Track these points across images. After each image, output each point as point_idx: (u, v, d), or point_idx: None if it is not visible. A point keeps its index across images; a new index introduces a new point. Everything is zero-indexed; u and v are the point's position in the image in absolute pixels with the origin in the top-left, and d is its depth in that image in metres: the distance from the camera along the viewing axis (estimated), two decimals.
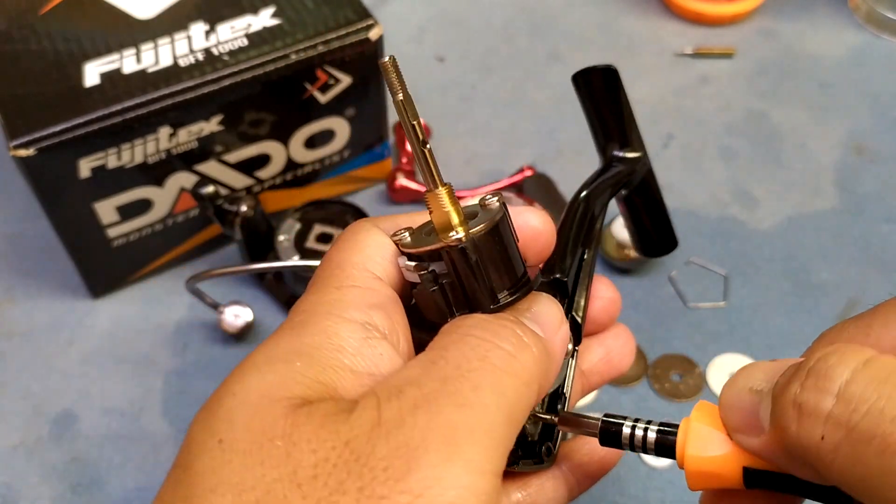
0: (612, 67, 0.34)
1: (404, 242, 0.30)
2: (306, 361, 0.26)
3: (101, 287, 0.56)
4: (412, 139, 0.28)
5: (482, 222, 0.29)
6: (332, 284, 0.29)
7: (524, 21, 0.74)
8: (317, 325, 0.27)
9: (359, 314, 0.28)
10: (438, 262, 0.29)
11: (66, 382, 0.53)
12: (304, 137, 0.56)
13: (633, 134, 0.35)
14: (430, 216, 0.29)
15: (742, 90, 0.68)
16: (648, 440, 0.29)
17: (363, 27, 0.52)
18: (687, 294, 0.56)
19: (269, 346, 0.27)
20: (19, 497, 0.48)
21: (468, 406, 0.24)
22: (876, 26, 0.72)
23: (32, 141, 0.46)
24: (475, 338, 0.26)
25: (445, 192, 0.29)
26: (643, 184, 0.36)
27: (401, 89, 0.28)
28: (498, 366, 0.26)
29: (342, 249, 0.30)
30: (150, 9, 0.53)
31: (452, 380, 0.25)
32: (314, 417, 0.24)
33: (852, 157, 0.64)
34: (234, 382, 0.26)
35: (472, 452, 0.24)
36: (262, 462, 0.24)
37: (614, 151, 0.36)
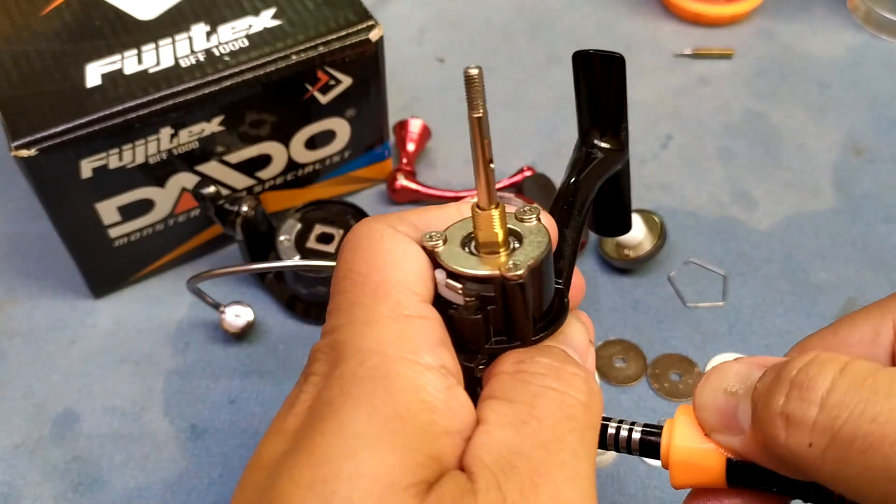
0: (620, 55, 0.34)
1: (440, 251, 0.28)
2: (413, 433, 0.24)
3: (102, 287, 0.57)
4: (479, 156, 0.27)
5: (532, 252, 0.28)
6: (384, 313, 0.26)
7: (524, 21, 0.74)
8: (399, 376, 0.25)
9: (431, 358, 0.26)
10: (485, 285, 0.28)
11: (68, 382, 0.53)
12: (305, 138, 0.56)
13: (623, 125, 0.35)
14: (476, 231, 0.28)
15: (741, 91, 0.69)
16: (633, 440, 0.30)
17: (363, 28, 0.52)
18: (686, 294, 0.56)
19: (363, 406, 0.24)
20: (21, 496, 0.49)
21: (577, 478, 0.25)
22: (875, 27, 0.73)
23: (34, 141, 0.46)
24: (554, 391, 0.27)
25: (498, 214, 0.28)
26: (617, 175, 0.36)
27: (481, 106, 0.27)
28: (583, 423, 0.26)
29: (367, 261, 0.28)
30: (152, 10, 0.53)
31: (554, 448, 0.25)
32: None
33: (851, 157, 0.64)
34: (343, 460, 0.23)
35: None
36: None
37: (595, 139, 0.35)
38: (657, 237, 0.56)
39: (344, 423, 0.24)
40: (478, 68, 0.26)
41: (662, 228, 0.56)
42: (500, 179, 0.61)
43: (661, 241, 0.56)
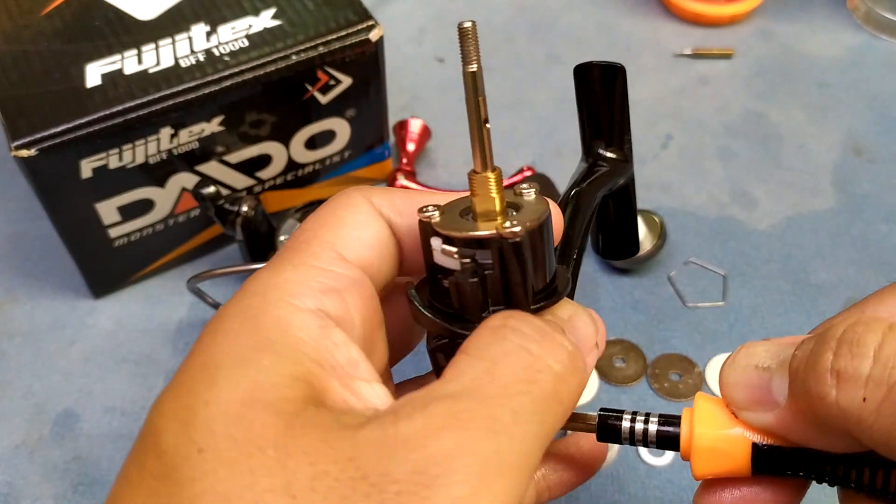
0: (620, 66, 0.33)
1: (435, 221, 0.27)
2: (272, 360, 0.24)
3: (102, 287, 0.57)
4: (472, 115, 0.27)
5: (531, 215, 0.27)
6: (291, 261, 0.27)
7: (524, 22, 0.74)
8: (269, 315, 0.26)
9: (310, 300, 0.26)
10: (483, 251, 0.27)
11: (68, 382, 0.53)
12: (305, 138, 0.56)
13: (626, 136, 0.35)
14: (472, 199, 0.28)
15: (741, 91, 0.69)
16: (650, 432, 0.28)
17: (363, 28, 0.52)
18: (686, 294, 0.56)
19: (228, 341, 0.25)
20: (21, 496, 0.49)
21: (505, 434, 0.23)
22: (874, 27, 0.73)
23: (34, 141, 0.46)
24: (529, 353, 0.25)
25: (494, 178, 0.27)
26: (623, 190, 0.35)
27: (476, 60, 0.26)
28: (547, 391, 0.24)
29: (317, 223, 0.28)
30: (152, 10, 0.53)
31: (494, 400, 0.23)
32: (312, 430, 0.23)
33: (851, 157, 0.64)
34: (203, 390, 0.24)
35: (500, 486, 0.22)
36: (252, 471, 0.22)
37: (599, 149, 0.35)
38: (657, 237, 0.56)
39: (206, 356, 0.25)
40: (471, 22, 0.25)
41: (662, 228, 0.56)
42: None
43: (661, 241, 0.56)
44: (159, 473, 0.23)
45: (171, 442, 0.24)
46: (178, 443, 0.23)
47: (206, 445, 0.23)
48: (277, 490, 0.22)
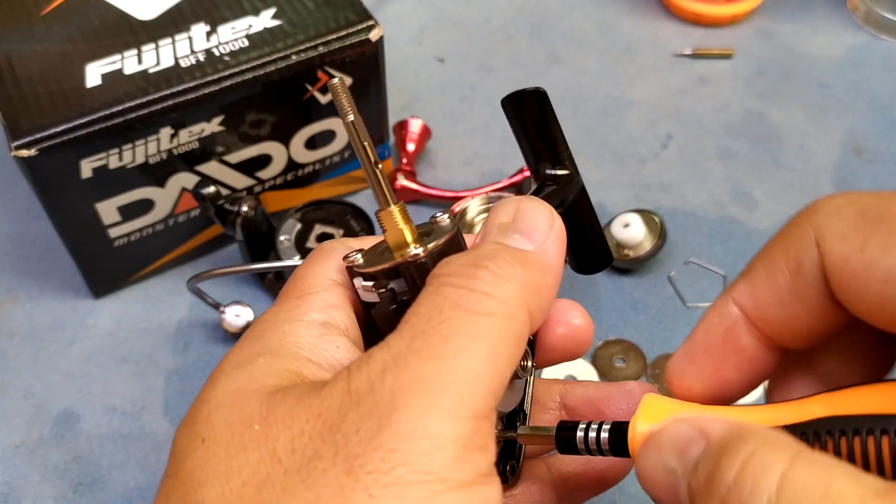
0: (541, 90, 0.35)
1: (357, 264, 0.30)
2: (268, 358, 0.27)
3: (102, 287, 0.57)
4: (363, 159, 0.29)
5: (438, 237, 0.29)
6: (294, 294, 0.30)
7: (524, 22, 0.74)
8: (275, 330, 0.28)
9: (318, 315, 0.29)
10: (397, 280, 0.29)
11: (68, 382, 0.53)
12: (305, 138, 0.56)
13: (564, 153, 0.36)
14: (384, 235, 0.29)
15: (741, 91, 0.69)
16: (602, 441, 0.28)
17: (363, 28, 0.52)
18: (686, 294, 0.56)
19: (233, 355, 0.28)
20: (21, 496, 0.49)
21: (438, 357, 0.24)
22: (874, 27, 0.73)
23: (34, 141, 0.46)
24: (449, 287, 0.26)
25: (398, 211, 0.29)
26: (577, 203, 0.36)
27: (351, 111, 0.29)
28: (471, 309, 0.25)
29: (307, 264, 0.31)
30: (152, 10, 0.53)
31: (422, 335, 0.25)
32: (288, 399, 0.25)
33: (851, 157, 0.64)
34: (207, 391, 0.27)
35: (445, 400, 0.24)
36: (245, 448, 0.25)
37: (546, 170, 0.36)
38: (657, 237, 0.56)
39: (216, 370, 0.28)
40: (339, 79, 0.29)
41: (662, 228, 0.56)
42: (501, 179, 0.61)
43: (661, 241, 0.56)
44: (171, 471, 0.26)
45: (182, 443, 0.26)
46: (186, 440, 0.26)
47: (208, 434, 0.26)
48: (266, 458, 0.24)
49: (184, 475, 0.25)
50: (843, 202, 0.25)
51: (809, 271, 0.26)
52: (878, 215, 0.24)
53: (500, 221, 0.29)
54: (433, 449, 0.23)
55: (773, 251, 0.27)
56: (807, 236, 0.26)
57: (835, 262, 0.25)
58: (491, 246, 0.28)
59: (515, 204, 0.29)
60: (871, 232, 0.24)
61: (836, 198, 0.26)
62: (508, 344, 0.26)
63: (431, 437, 0.23)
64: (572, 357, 0.34)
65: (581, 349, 0.33)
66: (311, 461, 0.24)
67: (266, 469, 0.24)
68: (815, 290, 0.26)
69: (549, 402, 0.35)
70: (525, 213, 0.29)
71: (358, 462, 0.23)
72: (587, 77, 0.70)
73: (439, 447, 0.23)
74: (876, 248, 0.23)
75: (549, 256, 0.28)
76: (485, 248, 0.28)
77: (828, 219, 0.25)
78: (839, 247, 0.25)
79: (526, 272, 0.27)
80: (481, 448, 0.24)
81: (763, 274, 0.27)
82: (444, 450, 0.23)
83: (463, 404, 0.24)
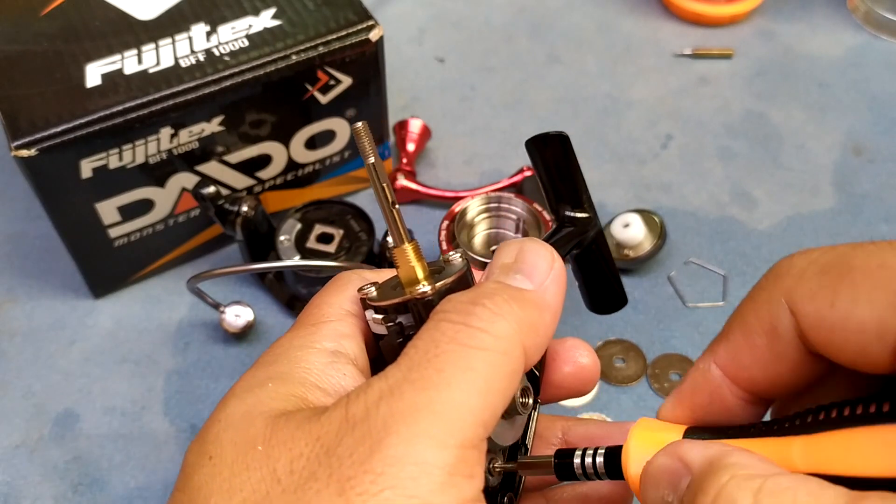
0: (564, 134, 0.36)
1: (370, 296, 0.31)
2: (277, 382, 0.29)
3: (102, 287, 0.57)
4: (382, 200, 0.30)
5: (447, 276, 0.30)
6: (309, 322, 0.31)
7: (524, 22, 0.74)
8: (287, 356, 0.30)
9: (329, 343, 0.30)
10: (405, 315, 0.30)
11: (68, 382, 0.53)
12: (305, 138, 0.56)
13: (584, 196, 0.37)
14: (396, 271, 0.30)
15: (741, 91, 0.69)
16: (598, 465, 0.29)
17: (364, 28, 0.52)
18: (686, 294, 0.56)
19: (246, 378, 0.30)
20: (21, 496, 0.49)
21: (431, 388, 0.25)
22: (874, 27, 0.73)
23: (34, 141, 0.46)
24: (447, 322, 0.27)
25: (411, 249, 0.30)
26: (594, 244, 0.38)
27: (372, 153, 0.29)
28: (466, 343, 0.26)
29: (323, 293, 0.32)
30: (152, 10, 0.53)
31: (417, 367, 0.26)
32: (290, 423, 0.27)
33: (851, 157, 0.64)
34: (219, 411, 0.29)
35: (434, 429, 0.25)
36: (248, 467, 0.26)
37: (566, 212, 0.37)
38: (657, 237, 0.56)
39: (228, 393, 0.29)
40: (362, 123, 0.30)
41: (662, 228, 0.56)
42: (500, 180, 0.61)
43: (661, 241, 0.56)
44: (180, 486, 0.28)
45: (191, 459, 0.28)
46: (196, 456, 0.28)
47: (215, 453, 0.27)
48: (267, 478, 0.26)
49: (191, 489, 0.27)
50: (804, 263, 0.27)
51: (785, 333, 0.27)
52: (839, 272, 0.25)
53: (503, 262, 0.30)
54: (420, 474, 0.24)
55: (747, 315, 0.28)
56: (777, 300, 0.27)
57: (810, 322, 0.26)
58: (491, 285, 0.29)
59: (518, 245, 0.30)
60: (838, 288, 0.25)
61: (796, 259, 0.27)
62: (501, 378, 0.27)
63: (419, 463, 0.24)
64: (578, 394, 0.35)
65: (587, 387, 0.35)
66: (308, 482, 0.25)
67: (266, 487, 0.25)
68: (792, 348, 0.27)
69: (551, 437, 0.36)
70: (527, 254, 0.30)
71: (349, 484, 0.24)
72: (587, 77, 0.70)
73: (426, 473, 0.24)
74: (845, 302, 0.25)
75: (547, 296, 0.29)
76: (485, 286, 0.29)
77: (795, 282, 0.27)
78: (811, 307, 0.26)
79: (522, 310, 0.28)
80: (468, 475, 0.25)
81: (741, 337, 0.28)
82: (431, 475, 0.24)
83: (451, 433, 0.25)
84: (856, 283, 0.25)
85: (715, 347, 0.29)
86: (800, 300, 0.26)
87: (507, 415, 0.31)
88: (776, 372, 0.28)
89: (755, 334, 0.28)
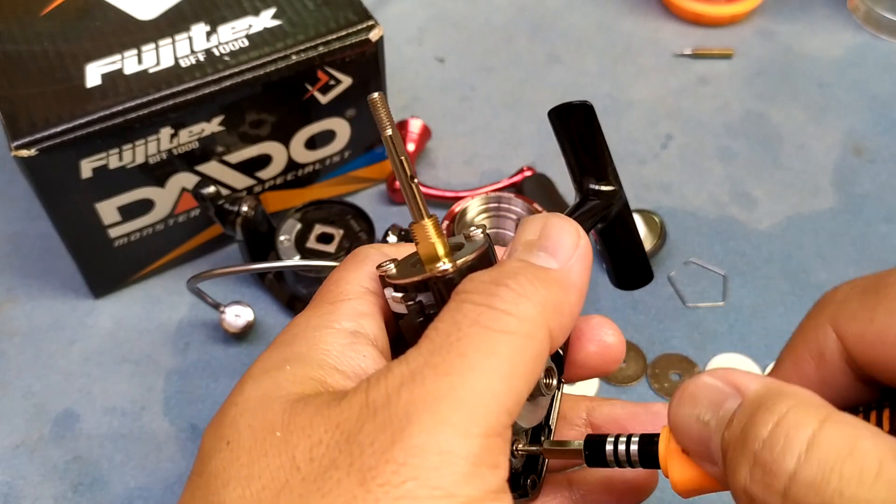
0: (588, 103, 0.35)
1: (390, 274, 0.30)
2: (295, 365, 0.28)
3: (102, 287, 0.57)
4: (400, 173, 0.29)
5: (468, 253, 0.29)
6: (327, 300, 0.30)
7: (524, 22, 0.74)
8: (305, 336, 0.29)
9: (348, 323, 0.29)
10: (425, 293, 0.29)
11: (68, 382, 0.53)
12: (305, 138, 0.56)
13: (609, 168, 0.36)
14: (416, 248, 0.30)
15: (741, 91, 0.69)
16: (632, 453, 0.29)
17: (363, 28, 0.52)
18: (686, 294, 0.56)
19: (263, 360, 0.29)
20: (21, 496, 0.49)
21: (453, 373, 0.24)
22: (874, 27, 0.73)
23: (34, 141, 0.46)
24: (470, 304, 0.26)
25: (431, 224, 0.29)
26: (619, 217, 0.36)
27: (389, 125, 0.29)
28: (489, 326, 0.25)
29: (341, 269, 0.31)
30: (152, 10, 0.53)
31: (439, 351, 0.25)
32: (309, 407, 0.26)
33: (851, 157, 0.64)
34: (236, 395, 0.28)
35: (457, 417, 0.24)
36: (266, 453, 0.25)
37: (590, 185, 0.36)
38: (657, 237, 0.56)
39: (245, 375, 0.29)
40: (379, 94, 0.29)
41: (662, 228, 0.56)
42: (501, 179, 0.61)
43: (661, 241, 0.56)
44: (197, 470, 0.27)
45: (208, 444, 0.27)
46: (213, 440, 0.27)
47: (232, 437, 0.27)
48: (286, 465, 0.25)
49: (208, 475, 0.26)
50: (847, 289, 0.28)
51: (832, 358, 0.27)
52: (877, 289, 0.26)
53: (526, 238, 0.29)
54: (443, 465, 0.23)
55: (797, 345, 0.29)
56: (823, 326, 0.28)
57: (853, 341, 0.27)
58: (515, 263, 0.28)
59: (542, 221, 0.29)
60: (875, 304, 0.26)
61: (841, 287, 0.28)
62: (526, 362, 0.26)
63: (442, 453, 0.24)
64: (604, 373, 0.35)
65: (612, 366, 0.34)
66: (328, 470, 0.24)
67: (285, 475, 0.25)
68: (840, 373, 0.27)
69: (575, 418, 0.35)
70: (551, 230, 0.29)
71: (371, 474, 0.24)
72: (587, 77, 0.70)
73: (449, 463, 0.24)
74: (883, 315, 0.26)
75: (572, 275, 0.28)
76: (508, 265, 0.28)
77: (839, 306, 0.27)
78: (853, 327, 0.27)
79: (547, 291, 0.27)
80: (493, 465, 0.25)
81: (790, 366, 0.29)
82: (454, 466, 0.24)
83: (475, 421, 0.24)
84: (892, 297, 0.26)
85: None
86: (843, 322, 0.27)
87: (531, 396, 0.30)
88: (826, 398, 0.27)
89: (803, 362, 0.28)
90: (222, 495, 0.25)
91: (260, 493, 0.25)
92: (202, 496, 0.26)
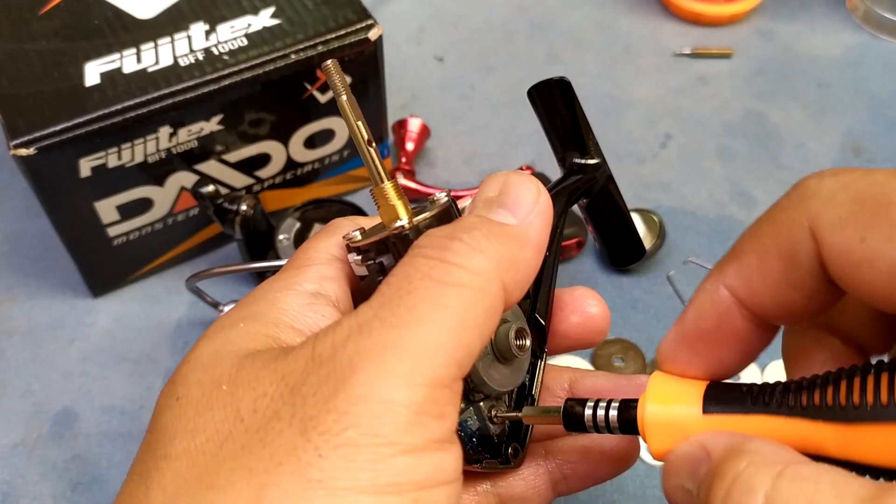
0: (566, 79, 0.35)
1: (354, 240, 0.30)
2: (249, 322, 0.28)
3: (101, 286, 0.57)
4: (357, 137, 0.29)
5: (424, 213, 0.29)
6: (293, 266, 0.31)
7: (523, 21, 0.74)
8: (265, 298, 0.29)
9: (310, 286, 0.30)
10: (387, 255, 0.29)
11: (67, 381, 0.53)
12: (304, 137, 0.56)
13: (590, 141, 0.35)
14: (378, 211, 0.30)
15: (740, 90, 0.69)
16: (611, 418, 0.28)
17: (363, 27, 0.52)
18: (685, 294, 0.56)
19: (220, 320, 0.29)
20: (20, 495, 0.49)
21: (401, 325, 0.24)
22: (874, 26, 0.73)
23: (33, 140, 0.46)
24: (422, 258, 0.26)
25: (391, 187, 0.29)
26: (605, 191, 0.36)
27: (344, 91, 0.29)
28: (440, 280, 0.25)
29: (312, 239, 0.32)
30: (151, 8, 0.53)
31: (389, 304, 0.25)
32: (256, 362, 0.26)
33: (850, 157, 0.64)
34: (190, 353, 0.28)
35: (402, 367, 0.24)
36: (212, 406, 0.26)
37: (574, 159, 0.36)
38: (656, 237, 0.56)
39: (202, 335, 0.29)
40: (332, 60, 0.29)
41: (661, 228, 0.56)
42: None
43: (660, 240, 0.56)
44: (150, 428, 0.28)
45: (161, 402, 0.28)
46: (165, 398, 0.28)
47: (182, 393, 0.27)
48: (230, 417, 0.25)
49: (157, 430, 0.27)
50: (835, 186, 0.24)
51: (805, 260, 0.25)
52: (875, 204, 0.23)
53: (486, 196, 0.29)
54: (385, 413, 0.24)
55: (764, 237, 0.26)
56: (799, 224, 0.25)
57: (834, 253, 0.24)
58: (471, 219, 0.28)
59: (503, 178, 0.29)
60: (871, 223, 0.23)
61: (827, 180, 0.25)
62: (476, 316, 0.26)
63: (384, 401, 0.24)
64: (588, 345, 0.34)
65: (597, 338, 0.34)
66: (271, 421, 0.24)
67: (229, 427, 0.25)
68: (810, 276, 0.25)
69: (557, 389, 0.35)
70: (511, 187, 0.29)
71: (312, 423, 0.24)
72: (587, 76, 0.70)
73: (391, 412, 0.24)
74: (878, 239, 0.23)
75: (531, 230, 0.28)
76: (465, 220, 0.28)
77: (823, 206, 0.24)
78: (838, 238, 0.24)
79: (503, 245, 0.27)
80: (437, 415, 0.24)
81: (755, 260, 0.26)
82: (396, 415, 0.24)
83: (420, 371, 0.24)
84: (892, 220, 0.22)
85: (724, 268, 0.27)
86: (826, 227, 0.24)
87: (504, 359, 0.30)
88: (790, 298, 0.26)
89: (771, 258, 0.26)
90: (168, 449, 0.26)
91: (204, 445, 0.25)
92: (151, 451, 0.26)
